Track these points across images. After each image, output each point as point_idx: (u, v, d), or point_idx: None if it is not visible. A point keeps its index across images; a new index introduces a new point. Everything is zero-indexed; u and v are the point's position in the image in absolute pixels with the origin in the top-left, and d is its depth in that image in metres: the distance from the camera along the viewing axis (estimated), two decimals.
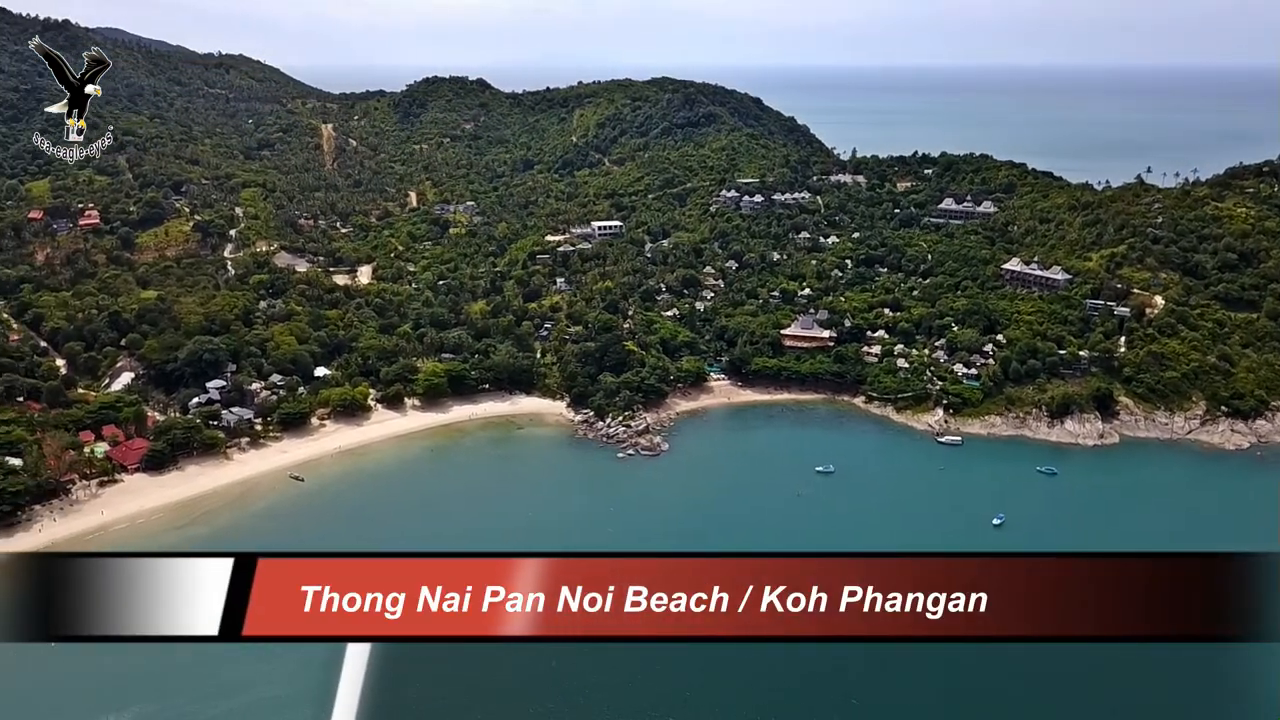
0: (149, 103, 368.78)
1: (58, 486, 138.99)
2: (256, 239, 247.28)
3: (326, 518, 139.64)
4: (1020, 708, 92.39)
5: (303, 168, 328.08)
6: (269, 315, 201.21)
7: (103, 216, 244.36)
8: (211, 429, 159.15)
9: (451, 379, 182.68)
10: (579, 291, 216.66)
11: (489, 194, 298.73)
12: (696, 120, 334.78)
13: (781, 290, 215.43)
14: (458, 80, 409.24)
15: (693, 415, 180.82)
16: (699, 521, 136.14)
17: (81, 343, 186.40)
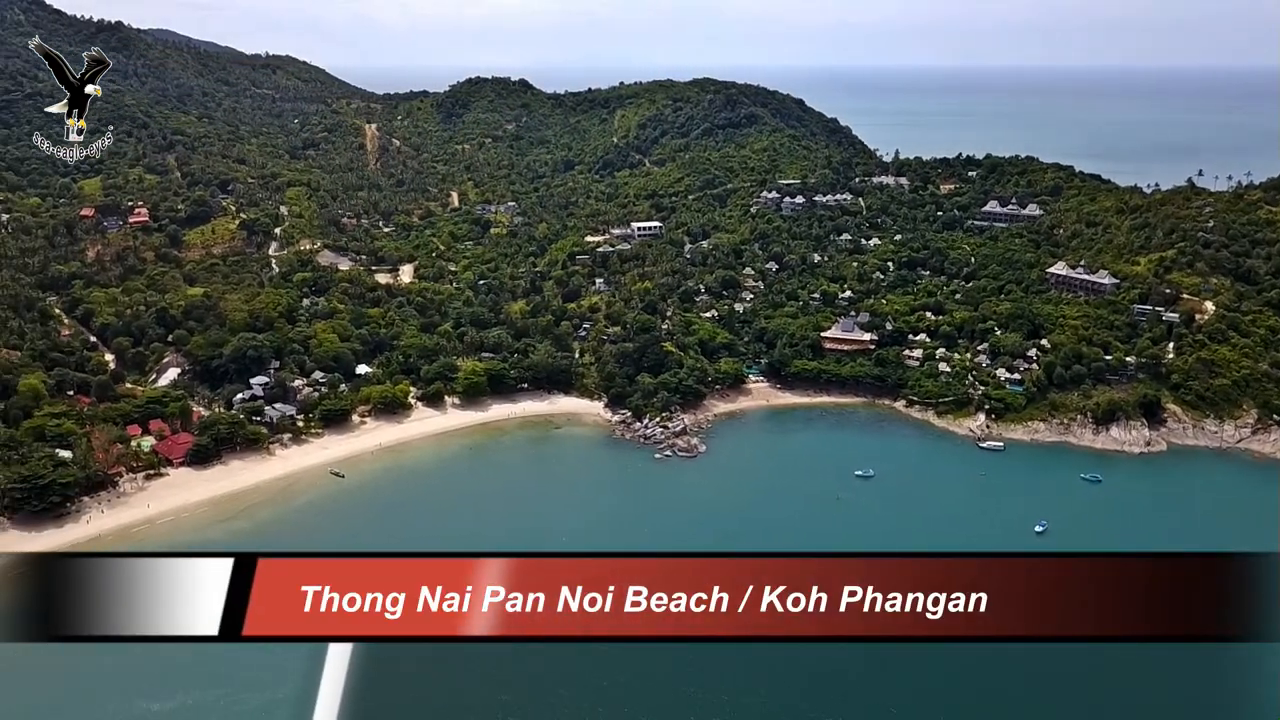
0: (198, 103, 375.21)
1: (106, 479, 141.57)
2: (300, 237, 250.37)
3: (366, 514, 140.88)
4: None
5: (346, 167, 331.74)
6: (312, 313, 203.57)
7: (152, 214, 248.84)
8: (255, 425, 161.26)
9: (491, 378, 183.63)
10: (618, 292, 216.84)
11: (530, 194, 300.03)
12: (738, 121, 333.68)
13: (822, 292, 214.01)
14: (500, 81, 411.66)
15: (731, 417, 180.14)
16: (736, 524, 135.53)
17: (130, 338, 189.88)
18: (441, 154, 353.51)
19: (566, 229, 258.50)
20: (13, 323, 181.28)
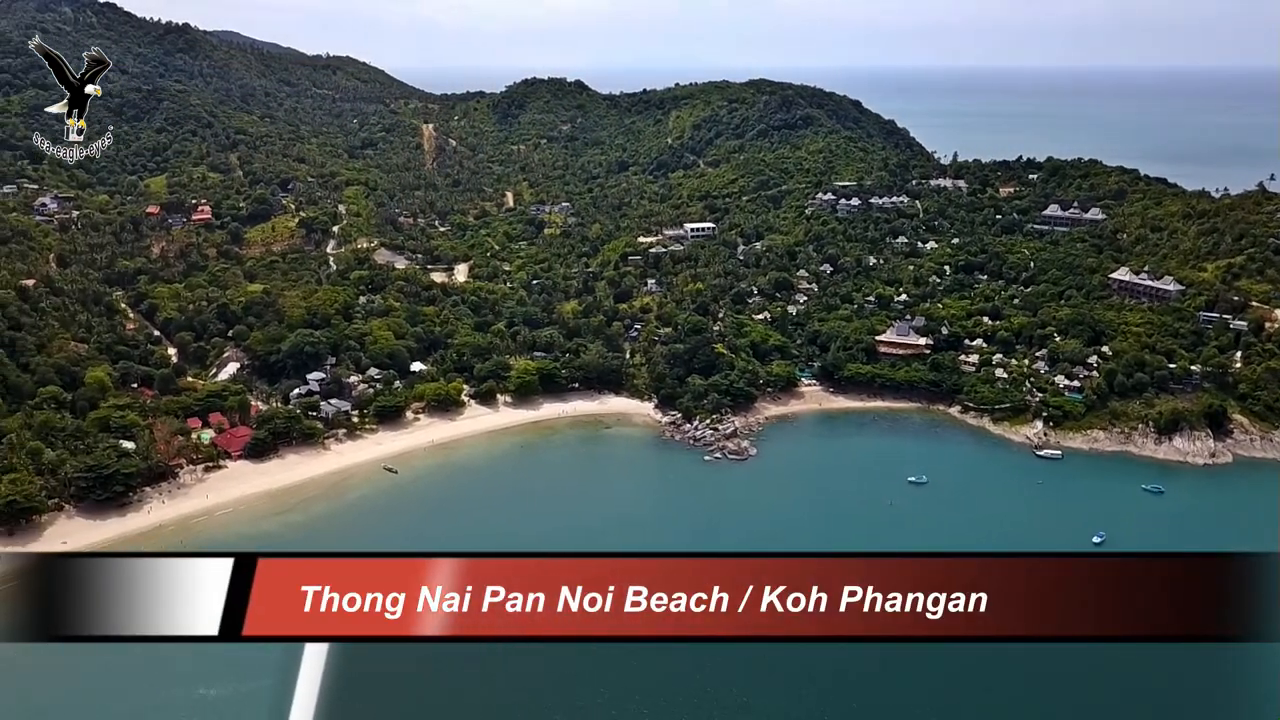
0: (260, 103, 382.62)
1: (167, 470, 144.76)
2: (358, 236, 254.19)
3: (417, 510, 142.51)
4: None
5: (404, 167, 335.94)
6: (368, 310, 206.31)
7: (214, 212, 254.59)
8: (311, 419, 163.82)
9: (542, 377, 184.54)
10: (670, 293, 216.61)
11: (584, 195, 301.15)
12: (793, 122, 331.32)
13: (877, 295, 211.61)
14: (555, 82, 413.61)
15: (782, 420, 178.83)
16: (785, 528, 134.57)
17: (192, 333, 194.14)
18: (497, 154, 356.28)
19: (619, 229, 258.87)
20: (81, 316, 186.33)
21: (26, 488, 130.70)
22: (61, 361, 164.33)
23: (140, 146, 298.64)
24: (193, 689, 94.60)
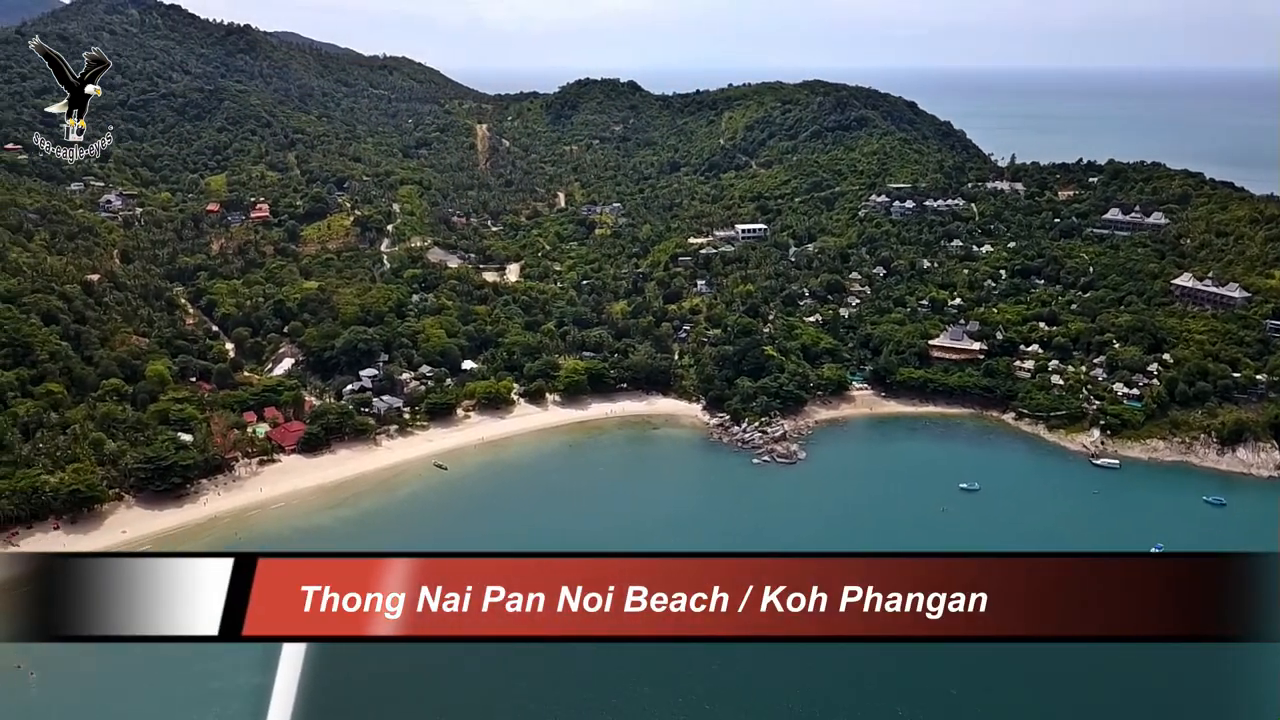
0: (318, 103, 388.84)
1: (223, 463, 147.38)
2: (412, 235, 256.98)
3: (466, 506, 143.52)
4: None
5: (457, 166, 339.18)
6: (421, 309, 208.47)
7: (272, 210, 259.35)
8: (363, 415, 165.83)
9: (591, 377, 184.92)
10: (719, 294, 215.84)
11: (635, 195, 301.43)
12: (847, 124, 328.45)
13: (930, 299, 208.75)
14: (609, 82, 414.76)
15: (832, 424, 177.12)
16: (834, 533, 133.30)
17: (249, 328, 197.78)
18: (550, 154, 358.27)
19: (670, 230, 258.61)
20: (143, 311, 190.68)
21: (89, 477, 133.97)
22: (124, 355, 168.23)
23: (201, 145, 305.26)
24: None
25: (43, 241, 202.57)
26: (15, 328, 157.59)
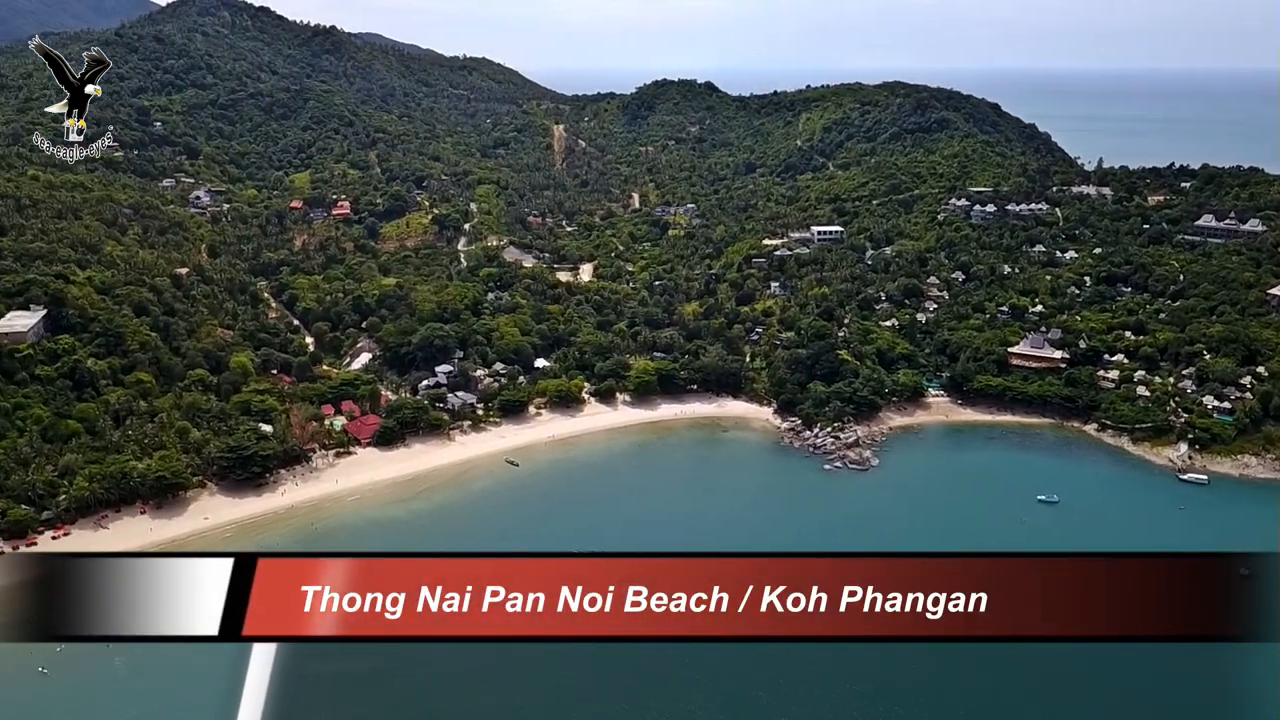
0: (399, 103, 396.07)
1: (301, 454, 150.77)
2: (488, 234, 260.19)
3: (536, 503, 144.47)
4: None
5: (534, 167, 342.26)
6: (496, 307, 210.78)
7: (353, 207, 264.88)
8: (437, 411, 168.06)
9: (661, 378, 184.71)
10: (794, 297, 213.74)
11: (709, 196, 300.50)
12: (928, 126, 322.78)
13: (1011, 305, 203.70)
14: (686, 83, 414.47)
15: (906, 431, 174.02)
16: (908, 543, 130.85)
17: (328, 323, 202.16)
18: (625, 155, 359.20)
19: (744, 231, 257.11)
20: (228, 304, 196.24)
21: (174, 465, 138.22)
22: (209, 346, 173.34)
23: (287, 144, 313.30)
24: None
25: (136, 236, 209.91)
26: (109, 318, 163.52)
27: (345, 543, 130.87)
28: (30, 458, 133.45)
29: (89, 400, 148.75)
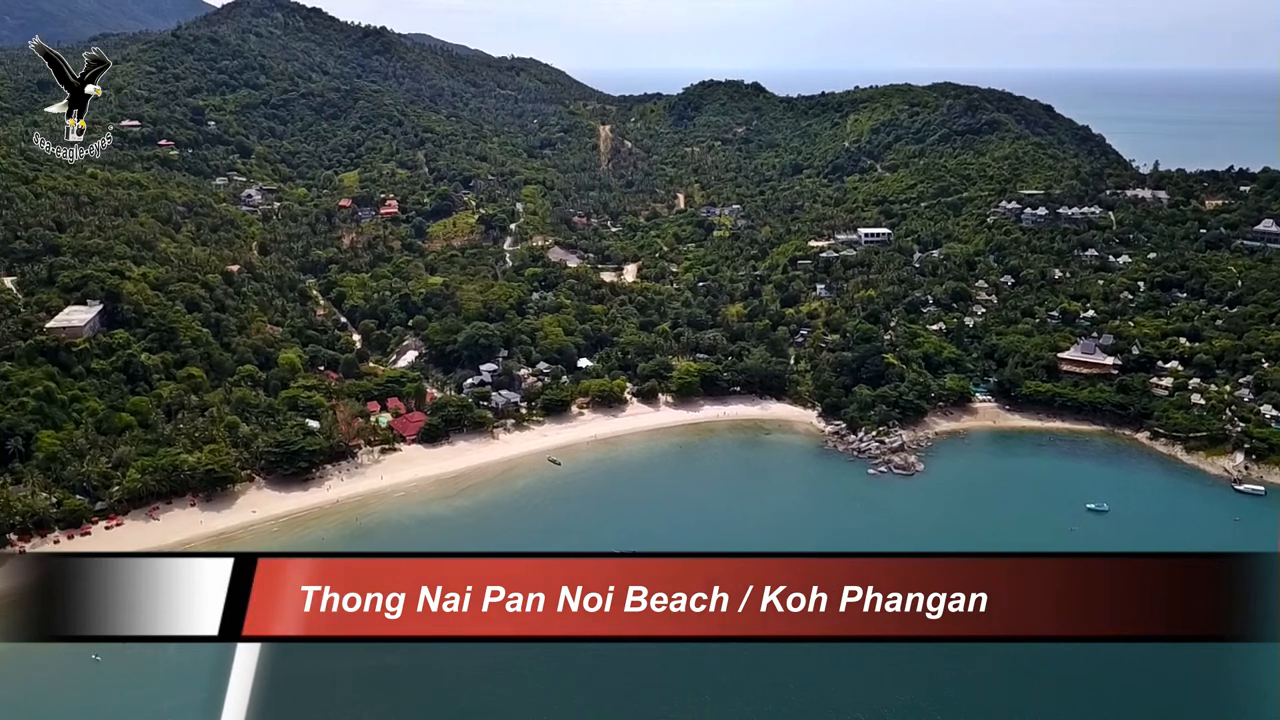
0: (447, 102, 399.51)
1: (346, 450, 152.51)
2: (534, 233, 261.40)
3: (578, 502, 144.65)
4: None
5: (580, 167, 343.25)
6: (540, 306, 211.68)
7: (400, 206, 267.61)
8: (481, 409, 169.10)
9: (704, 379, 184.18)
10: (839, 299, 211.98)
11: (755, 198, 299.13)
12: (978, 127, 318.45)
13: (1061, 310, 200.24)
14: (733, 84, 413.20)
15: (952, 436, 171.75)
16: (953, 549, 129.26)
17: (375, 321, 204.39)
18: (671, 156, 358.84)
19: (790, 233, 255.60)
20: (277, 301, 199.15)
21: (224, 458, 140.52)
22: (258, 343, 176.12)
23: (337, 143, 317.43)
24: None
25: (189, 233, 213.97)
26: (162, 314, 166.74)
27: (389, 538, 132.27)
28: (85, 449, 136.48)
29: (142, 394, 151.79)
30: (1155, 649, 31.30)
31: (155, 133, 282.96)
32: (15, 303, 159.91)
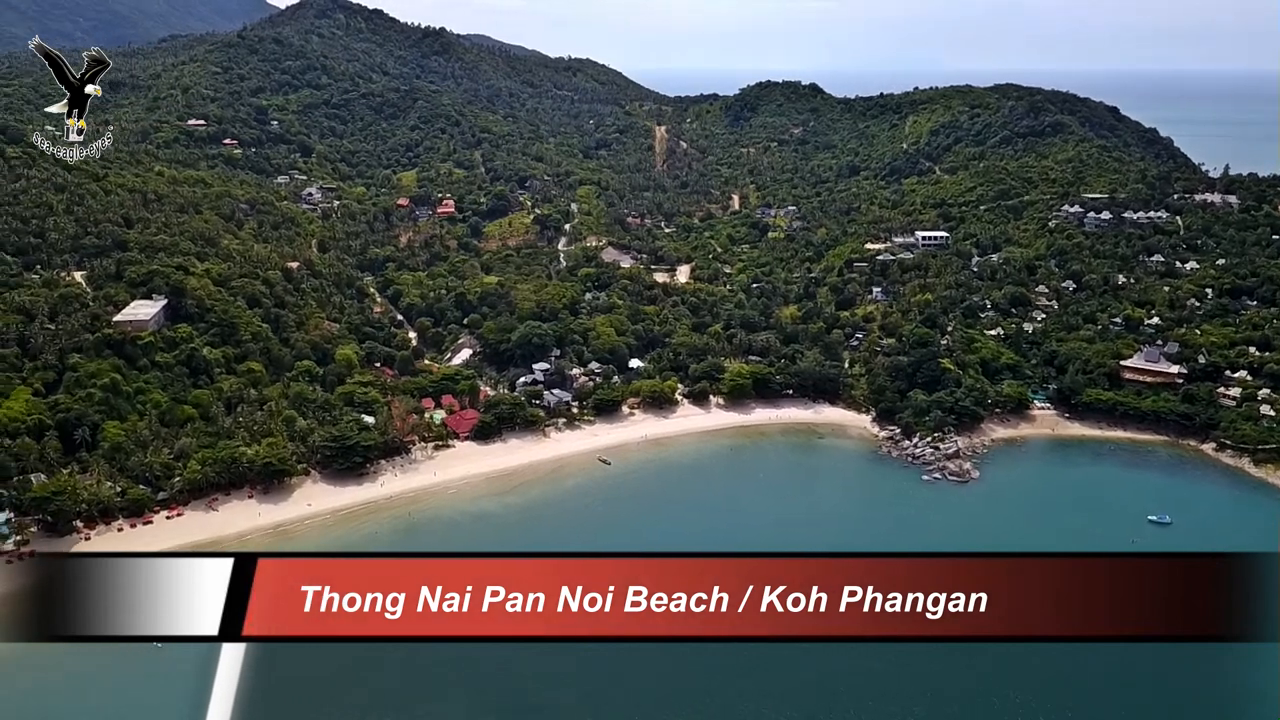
0: (505, 103, 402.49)
1: (401, 445, 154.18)
2: (588, 234, 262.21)
3: (627, 502, 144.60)
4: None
5: (635, 168, 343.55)
6: (593, 307, 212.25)
7: (457, 206, 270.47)
8: (534, 407, 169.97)
9: (756, 381, 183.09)
10: (895, 302, 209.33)
11: (811, 199, 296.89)
12: (1041, 129, 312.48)
13: (1125, 317, 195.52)
14: (790, 85, 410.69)
15: (1009, 444, 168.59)
16: None
17: (431, 319, 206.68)
18: (726, 156, 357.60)
19: (846, 235, 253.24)
20: (335, 298, 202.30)
21: (281, 452, 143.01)
22: (316, 338, 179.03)
23: (395, 143, 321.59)
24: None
25: (251, 230, 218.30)
26: (224, 309, 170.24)
27: (442, 534, 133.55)
28: (149, 440, 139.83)
29: (204, 387, 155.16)
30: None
31: (220, 132, 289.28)
32: (84, 297, 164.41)
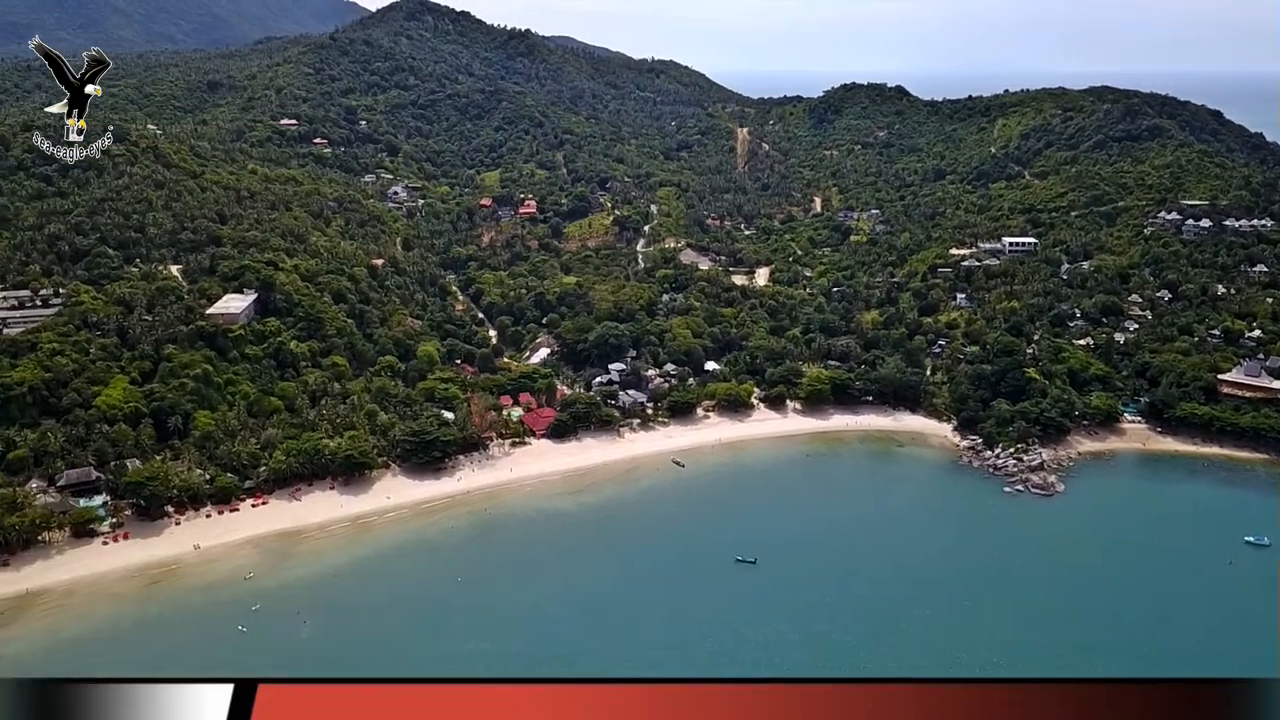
0: (587, 104, 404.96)
1: (478, 441, 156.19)
2: (667, 235, 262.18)
3: (700, 506, 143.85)
4: None
5: (715, 170, 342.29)
6: (670, 308, 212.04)
7: (539, 206, 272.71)
8: (609, 407, 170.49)
9: (835, 387, 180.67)
10: (980, 309, 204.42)
11: (895, 202, 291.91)
12: (1137, 134, 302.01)
13: (1224, 329, 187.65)
14: (875, 87, 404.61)
15: (1097, 457, 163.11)
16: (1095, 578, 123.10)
17: (510, 317, 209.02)
18: (809, 159, 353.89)
19: (930, 240, 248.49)
20: (418, 295, 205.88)
21: (363, 445, 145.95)
22: (399, 335, 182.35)
23: (479, 143, 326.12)
24: None
25: (338, 228, 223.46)
26: (311, 304, 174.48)
27: (517, 530, 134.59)
28: (237, 430, 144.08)
29: (290, 380, 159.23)
30: None
31: (311, 131, 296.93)
32: (180, 290, 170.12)
